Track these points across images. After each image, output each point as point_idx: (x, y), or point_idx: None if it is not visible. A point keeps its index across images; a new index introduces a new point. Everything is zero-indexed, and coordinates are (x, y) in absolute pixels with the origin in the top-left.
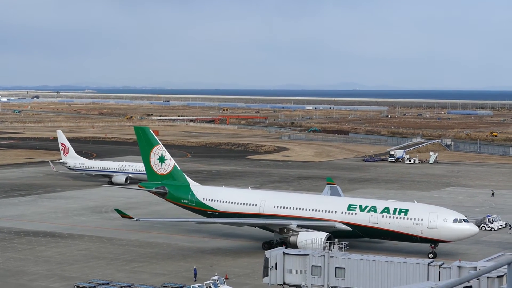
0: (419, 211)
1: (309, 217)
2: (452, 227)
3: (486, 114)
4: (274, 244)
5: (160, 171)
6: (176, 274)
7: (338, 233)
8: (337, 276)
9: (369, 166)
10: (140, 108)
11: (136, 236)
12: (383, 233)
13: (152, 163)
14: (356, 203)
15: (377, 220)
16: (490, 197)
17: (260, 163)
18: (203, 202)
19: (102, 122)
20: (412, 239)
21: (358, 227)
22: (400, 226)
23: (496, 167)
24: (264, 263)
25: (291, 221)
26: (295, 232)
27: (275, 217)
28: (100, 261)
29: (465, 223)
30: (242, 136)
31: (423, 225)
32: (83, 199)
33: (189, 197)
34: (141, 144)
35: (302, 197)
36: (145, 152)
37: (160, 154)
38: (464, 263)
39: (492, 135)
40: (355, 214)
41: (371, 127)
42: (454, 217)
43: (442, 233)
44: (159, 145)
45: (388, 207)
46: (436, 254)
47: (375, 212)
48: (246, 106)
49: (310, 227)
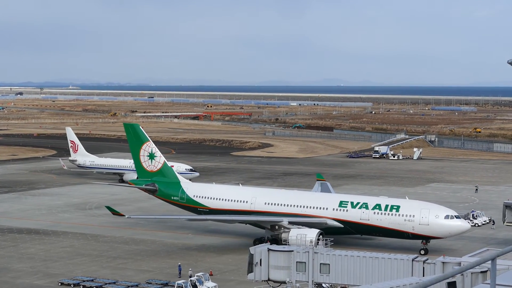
0: (410, 208)
1: (301, 214)
2: (444, 224)
3: (470, 110)
4: (265, 241)
5: (150, 168)
6: (160, 271)
7: (330, 229)
8: (322, 272)
9: (353, 162)
10: (124, 104)
11: (121, 233)
12: (375, 230)
13: (142, 160)
14: (347, 199)
15: (369, 216)
16: (474, 193)
17: (245, 160)
18: (194, 199)
19: (86, 119)
20: (403, 236)
21: (350, 223)
22: (391, 223)
23: (480, 163)
24: (248, 259)
25: (282, 218)
26: (287, 229)
27: (266, 214)
28: (85, 258)
29: (456, 220)
30: (226, 132)
31: (415, 222)
32: (67, 196)
33: (179, 194)
34: (131, 141)
35: (293, 194)
36: (135, 149)
37: (150, 151)
38: (448, 258)
39: (476, 131)
40: (347, 210)
41: (355, 123)
42: (446, 214)
43: (434, 229)
44: (149, 142)
45: (380, 204)
46: (427, 250)
47: (367, 208)
48: (231, 102)
49: (301, 224)
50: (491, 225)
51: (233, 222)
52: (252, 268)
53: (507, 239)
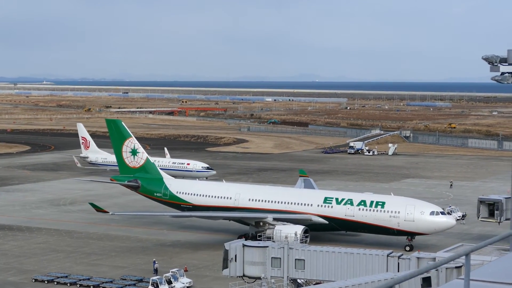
0: (396, 204)
1: (285, 210)
2: (429, 220)
3: (445, 106)
4: (249, 237)
5: (132, 164)
6: (135, 267)
7: (315, 226)
8: (297, 268)
9: (329, 158)
10: (99, 100)
11: (95, 229)
12: (360, 226)
13: (124, 156)
14: (332, 196)
15: (354, 213)
16: (449, 188)
17: (220, 155)
18: (177, 195)
19: (60, 114)
20: (389, 232)
21: (335, 220)
22: (377, 219)
23: (454, 159)
24: (223, 255)
25: (267, 214)
26: (271, 225)
27: (250, 210)
28: (59, 254)
29: (442, 216)
30: (201, 128)
31: (400, 218)
32: (41, 191)
33: (162, 190)
34: (113, 137)
35: (277, 190)
36: (117, 145)
37: (133, 147)
38: (423, 254)
39: (450, 126)
40: (332, 207)
41: (330, 119)
42: (431, 210)
43: (419, 225)
44: (131, 137)
45: (365, 200)
46: (412, 247)
47: (352, 205)
48: (205, 98)
49: (286, 221)
50: (461, 220)
51: (217, 219)
52: (227, 264)
53: (481, 235)
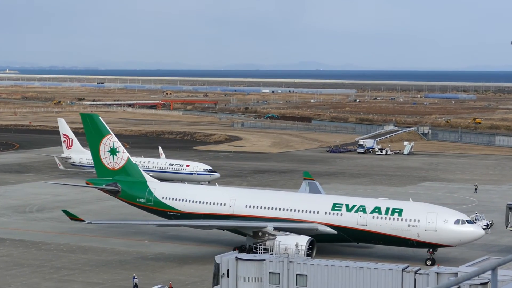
0: (415, 211)
1: (288, 219)
2: (454, 230)
3: (469, 98)
4: (246, 249)
5: (111, 165)
6: (112, 283)
7: (321, 236)
8: (298, 284)
9: (335, 158)
10: (70, 91)
11: (66, 239)
12: (374, 237)
13: (102, 156)
14: (342, 202)
15: (367, 221)
16: (473, 193)
17: (210, 155)
18: (163, 201)
19: (25, 108)
20: (407, 244)
21: (345, 229)
22: (393, 229)
23: (479, 159)
24: (214, 270)
25: (267, 223)
26: (272, 235)
27: (247, 218)
28: (24, 268)
29: (468, 225)
30: (188, 123)
31: (420, 227)
32: (3, 196)
33: (146, 196)
34: (89, 134)
35: (278, 195)
36: (93, 143)
37: (112, 146)
38: (443, 268)
39: (475, 122)
40: (341, 214)
41: (336, 113)
42: (456, 218)
43: (442, 236)
44: (110, 135)
45: (379, 207)
46: (434, 261)
47: (364, 212)
48: (193, 89)
49: (289, 230)
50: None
51: (209, 228)
52: (218, 280)
53: (510, 246)
